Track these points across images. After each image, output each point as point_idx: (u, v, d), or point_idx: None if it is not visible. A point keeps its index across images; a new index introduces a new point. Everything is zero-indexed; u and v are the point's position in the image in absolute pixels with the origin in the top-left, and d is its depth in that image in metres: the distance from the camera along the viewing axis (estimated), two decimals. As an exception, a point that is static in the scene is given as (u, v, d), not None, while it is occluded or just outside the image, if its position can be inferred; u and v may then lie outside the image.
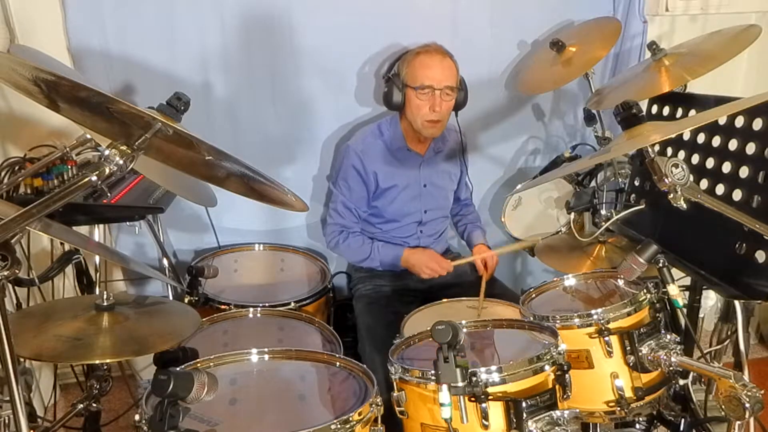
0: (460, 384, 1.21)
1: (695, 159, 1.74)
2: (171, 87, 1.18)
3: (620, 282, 1.67)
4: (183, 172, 1.28)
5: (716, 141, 1.68)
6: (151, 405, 1.17)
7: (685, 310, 1.83)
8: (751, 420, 1.41)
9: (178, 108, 1.07)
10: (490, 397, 1.24)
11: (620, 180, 2.17)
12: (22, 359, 1.59)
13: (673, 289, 1.52)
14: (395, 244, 2.26)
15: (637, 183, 1.98)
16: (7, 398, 1.06)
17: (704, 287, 1.90)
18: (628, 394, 1.49)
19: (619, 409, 1.49)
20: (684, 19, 2.63)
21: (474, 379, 1.22)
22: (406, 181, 2.22)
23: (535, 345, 1.47)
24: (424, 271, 2.14)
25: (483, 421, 1.24)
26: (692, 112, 1.80)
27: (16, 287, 1.79)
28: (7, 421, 1.42)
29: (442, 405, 1.21)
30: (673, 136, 1.64)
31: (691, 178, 1.30)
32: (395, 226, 2.27)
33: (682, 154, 1.79)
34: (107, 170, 0.99)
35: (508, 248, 2.42)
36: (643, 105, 1.83)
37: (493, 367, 1.27)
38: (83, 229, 1.99)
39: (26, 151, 1.97)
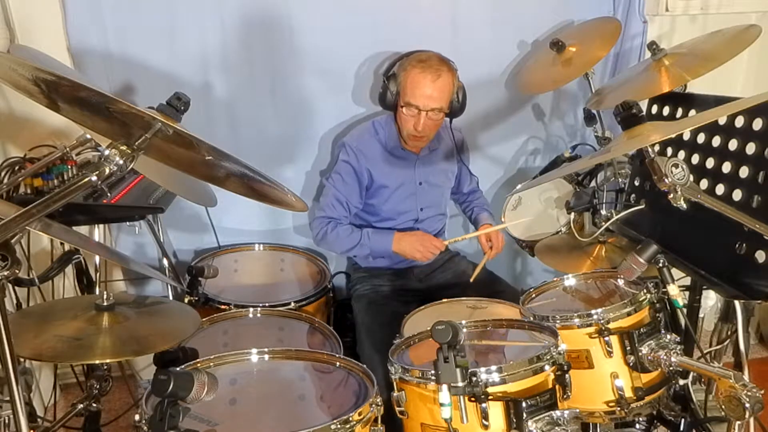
0: (460, 384, 1.21)
1: (695, 159, 1.73)
2: (171, 87, 1.18)
3: (620, 282, 1.67)
4: (183, 172, 1.28)
5: (716, 141, 1.67)
6: (151, 405, 1.17)
7: (685, 310, 1.83)
8: (751, 420, 1.40)
9: (178, 108, 1.07)
10: (490, 397, 1.24)
11: (620, 180, 2.16)
12: (22, 359, 1.59)
13: (673, 289, 1.52)
14: (385, 229, 2.23)
15: (637, 183, 1.98)
16: (7, 398, 1.05)
17: (704, 287, 1.90)
18: (628, 394, 1.49)
19: (619, 409, 1.49)
20: (684, 19, 2.63)
21: (474, 379, 1.23)
22: (401, 180, 2.22)
23: (535, 345, 1.47)
24: (415, 254, 2.13)
25: (483, 421, 1.24)
26: (692, 112, 1.80)
27: (16, 287, 1.79)
28: (7, 421, 1.42)
29: (442, 405, 1.21)
30: (673, 136, 1.64)
31: (691, 178, 1.29)
32: (392, 225, 2.27)
33: (682, 154, 1.78)
34: (107, 170, 0.99)
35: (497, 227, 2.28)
36: (643, 105, 1.83)
37: (493, 367, 1.27)
38: (83, 229, 1.98)
39: (26, 151, 1.97)
